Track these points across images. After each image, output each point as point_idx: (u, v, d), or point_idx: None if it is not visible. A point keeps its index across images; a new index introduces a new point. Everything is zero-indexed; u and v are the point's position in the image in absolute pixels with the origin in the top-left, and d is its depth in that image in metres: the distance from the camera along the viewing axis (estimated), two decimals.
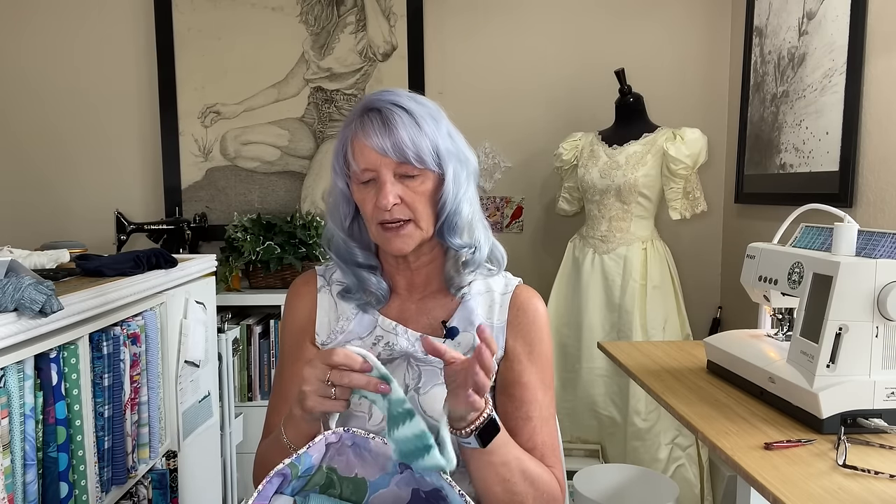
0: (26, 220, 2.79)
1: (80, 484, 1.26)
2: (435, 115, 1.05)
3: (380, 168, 1.01)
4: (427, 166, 1.02)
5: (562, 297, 2.50)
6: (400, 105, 1.02)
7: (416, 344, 1.07)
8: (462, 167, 1.06)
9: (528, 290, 1.13)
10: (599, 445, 2.45)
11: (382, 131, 1.00)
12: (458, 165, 1.06)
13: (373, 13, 2.72)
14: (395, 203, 1.00)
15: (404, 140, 0.99)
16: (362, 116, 1.02)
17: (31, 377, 1.12)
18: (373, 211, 1.02)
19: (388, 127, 1.00)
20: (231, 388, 2.21)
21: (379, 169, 1.01)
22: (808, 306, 1.24)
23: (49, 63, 2.76)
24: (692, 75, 2.73)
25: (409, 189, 1.02)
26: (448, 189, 1.04)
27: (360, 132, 1.01)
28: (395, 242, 1.03)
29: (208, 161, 2.79)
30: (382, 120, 1.00)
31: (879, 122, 1.77)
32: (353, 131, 1.03)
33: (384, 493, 0.96)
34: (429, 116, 1.03)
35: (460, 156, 1.06)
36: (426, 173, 1.03)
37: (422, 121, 1.02)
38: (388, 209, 1.00)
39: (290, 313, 1.16)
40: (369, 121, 1.01)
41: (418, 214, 1.03)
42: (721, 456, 1.11)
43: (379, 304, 1.11)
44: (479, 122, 2.71)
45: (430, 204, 1.04)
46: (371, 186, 1.02)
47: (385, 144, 0.99)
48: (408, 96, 1.04)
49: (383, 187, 1.00)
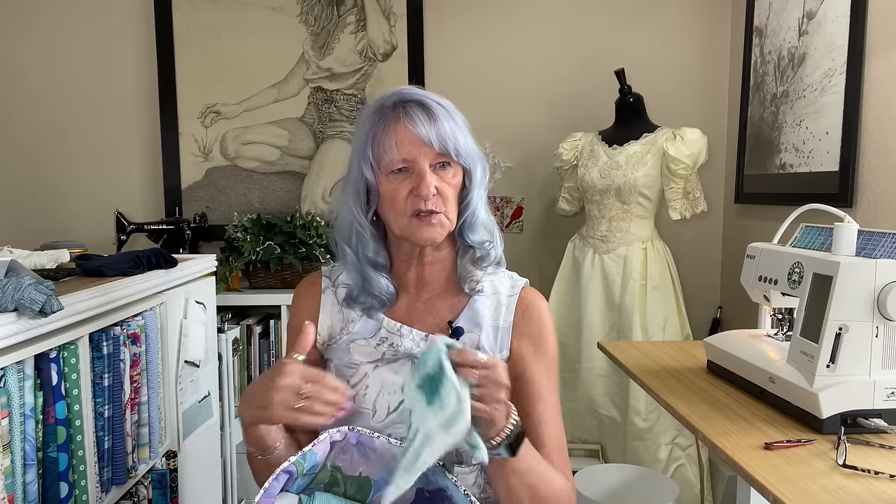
0: (26, 220, 2.79)
1: (80, 484, 1.26)
2: (461, 115, 1.08)
3: (418, 158, 1.02)
4: (461, 160, 1.05)
5: (562, 297, 2.50)
6: (436, 100, 1.05)
7: (420, 344, 1.07)
8: (483, 168, 1.10)
9: (533, 292, 1.13)
10: (599, 445, 2.45)
11: (427, 121, 1.01)
12: (481, 165, 1.09)
13: (373, 13, 2.72)
14: (434, 193, 1.02)
15: (447, 131, 1.02)
16: (404, 106, 1.03)
17: (31, 377, 1.13)
18: (407, 200, 1.03)
19: (432, 118, 1.02)
20: (231, 388, 2.21)
21: (417, 159, 1.02)
22: (808, 306, 1.24)
23: (49, 63, 2.76)
24: (692, 75, 2.73)
25: (443, 181, 1.04)
26: (474, 188, 1.07)
27: (406, 120, 1.02)
28: (427, 231, 1.03)
29: (208, 161, 2.79)
30: (426, 111, 1.02)
31: (879, 122, 1.77)
32: (393, 120, 1.03)
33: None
34: (459, 114, 1.07)
35: (482, 157, 1.10)
36: (458, 167, 1.06)
37: (456, 116, 1.06)
38: (429, 198, 1.01)
39: (294, 315, 1.16)
40: (413, 110, 1.02)
41: (449, 207, 1.04)
42: (721, 456, 1.11)
43: (383, 307, 1.10)
44: (479, 122, 2.66)
45: (457, 199, 1.06)
46: (403, 176, 1.03)
47: (430, 133, 1.01)
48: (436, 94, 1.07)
49: (424, 177, 1.01)
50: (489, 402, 0.87)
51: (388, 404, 1.03)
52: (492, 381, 0.87)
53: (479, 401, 0.87)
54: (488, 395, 0.87)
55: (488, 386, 0.87)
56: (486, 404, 0.87)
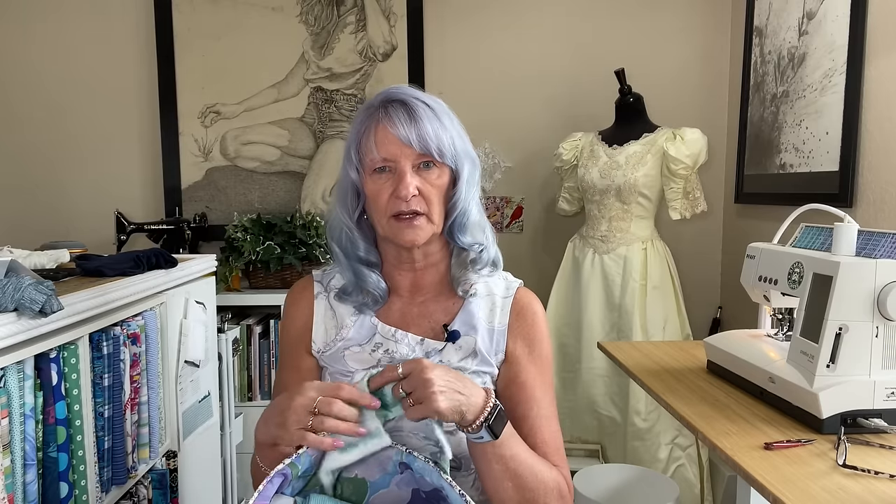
0: (26, 220, 2.79)
1: (80, 484, 1.26)
2: (451, 114, 1.07)
3: (399, 158, 1.01)
4: (446, 161, 1.03)
5: (562, 297, 2.50)
6: (422, 100, 1.04)
7: (416, 349, 1.06)
8: (473, 168, 1.08)
9: (528, 293, 1.13)
10: (599, 445, 2.45)
11: (408, 121, 1.01)
12: (471, 166, 1.07)
13: (373, 13, 2.72)
14: (413, 194, 1.01)
15: (429, 132, 1.01)
16: (386, 106, 1.03)
17: (31, 377, 1.12)
18: (388, 201, 1.02)
19: (413, 118, 1.01)
20: (231, 388, 2.21)
21: (399, 159, 1.01)
22: (808, 306, 1.24)
23: (49, 63, 2.76)
24: (692, 75, 2.73)
25: (427, 182, 1.03)
26: (461, 187, 1.05)
27: (385, 120, 1.01)
28: (407, 233, 1.03)
29: (208, 161, 2.79)
30: (408, 111, 1.02)
31: (879, 122, 1.77)
32: (375, 120, 1.03)
33: (384, 494, 0.96)
34: (448, 114, 1.06)
35: (472, 156, 1.08)
36: (443, 168, 1.04)
37: (443, 116, 1.04)
38: (408, 199, 1.01)
39: (287, 321, 1.15)
40: (394, 110, 1.02)
41: (432, 208, 1.03)
42: (721, 456, 1.11)
43: (376, 304, 1.10)
44: (479, 122, 2.71)
45: (442, 200, 1.05)
46: (386, 177, 1.03)
47: (410, 134, 1.00)
48: (425, 93, 1.06)
49: (403, 177, 1.01)
50: (424, 401, 0.87)
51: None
52: (418, 381, 0.88)
53: (418, 402, 0.87)
54: (420, 395, 0.87)
55: (416, 388, 0.88)
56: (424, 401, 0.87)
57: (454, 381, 0.90)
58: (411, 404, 0.88)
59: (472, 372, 1.06)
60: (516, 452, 0.96)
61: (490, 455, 0.95)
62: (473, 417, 0.91)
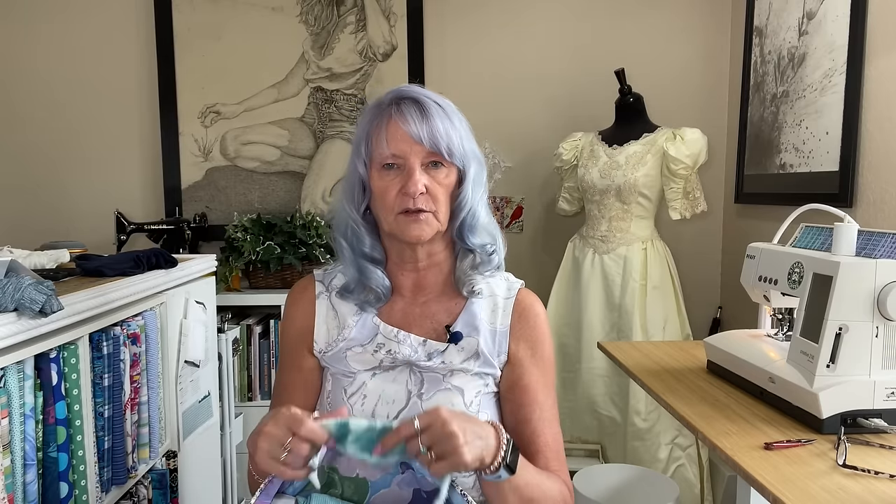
0: (26, 220, 2.79)
1: (80, 484, 1.26)
2: (460, 114, 1.07)
3: (409, 155, 1.01)
4: (454, 160, 1.04)
5: (562, 297, 2.50)
6: (433, 99, 1.04)
7: (418, 350, 1.06)
8: (480, 169, 1.08)
9: (529, 294, 1.13)
10: (599, 445, 2.45)
11: (420, 119, 1.01)
12: (478, 166, 1.08)
13: (373, 13, 2.72)
14: (422, 192, 1.01)
15: (440, 130, 1.01)
16: (398, 103, 1.03)
17: (31, 377, 1.12)
18: (396, 198, 1.02)
19: (425, 116, 1.01)
20: (231, 388, 2.21)
21: (408, 156, 1.01)
22: (808, 306, 1.24)
23: (49, 63, 2.76)
24: (692, 75, 2.73)
25: (434, 180, 1.03)
26: (468, 188, 1.06)
27: (397, 116, 1.02)
28: (413, 229, 1.02)
29: (208, 161, 2.79)
30: (420, 108, 1.02)
31: (879, 122, 1.77)
32: (387, 116, 1.03)
33: (385, 493, 0.97)
34: (457, 114, 1.06)
35: (479, 157, 1.09)
36: (451, 168, 1.05)
37: (454, 116, 1.05)
38: (416, 196, 1.01)
39: (288, 321, 1.15)
40: (406, 108, 1.02)
41: (439, 207, 1.03)
42: (721, 456, 1.11)
43: (378, 302, 1.10)
44: (479, 122, 2.66)
45: (449, 199, 1.05)
46: (394, 173, 1.03)
47: (421, 131, 1.00)
48: (435, 93, 1.07)
49: (413, 174, 1.01)
50: (449, 456, 0.83)
51: (388, 413, 1.03)
52: (440, 436, 0.84)
53: (441, 458, 0.84)
54: (443, 449, 0.84)
55: (439, 442, 0.84)
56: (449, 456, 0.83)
57: (471, 426, 0.87)
58: (433, 459, 0.84)
59: (474, 373, 1.06)
60: (529, 479, 0.95)
61: (506, 489, 0.93)
62: (491, 459, 0.88)
